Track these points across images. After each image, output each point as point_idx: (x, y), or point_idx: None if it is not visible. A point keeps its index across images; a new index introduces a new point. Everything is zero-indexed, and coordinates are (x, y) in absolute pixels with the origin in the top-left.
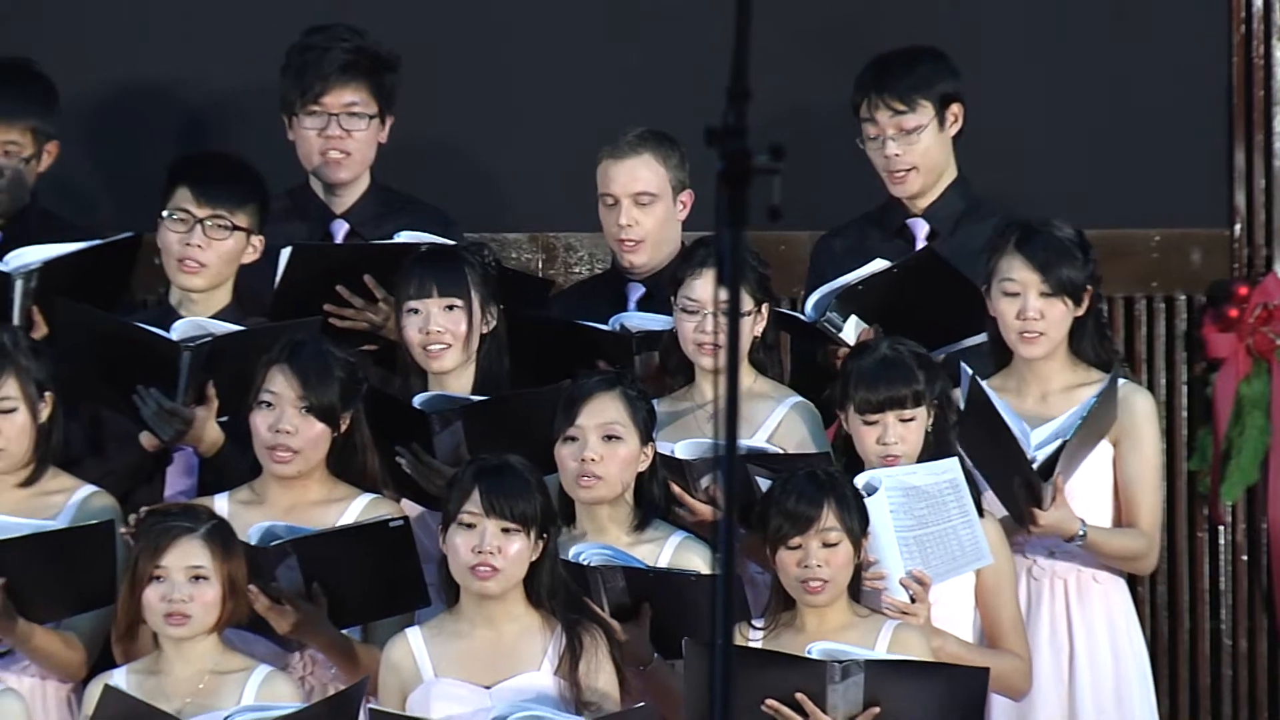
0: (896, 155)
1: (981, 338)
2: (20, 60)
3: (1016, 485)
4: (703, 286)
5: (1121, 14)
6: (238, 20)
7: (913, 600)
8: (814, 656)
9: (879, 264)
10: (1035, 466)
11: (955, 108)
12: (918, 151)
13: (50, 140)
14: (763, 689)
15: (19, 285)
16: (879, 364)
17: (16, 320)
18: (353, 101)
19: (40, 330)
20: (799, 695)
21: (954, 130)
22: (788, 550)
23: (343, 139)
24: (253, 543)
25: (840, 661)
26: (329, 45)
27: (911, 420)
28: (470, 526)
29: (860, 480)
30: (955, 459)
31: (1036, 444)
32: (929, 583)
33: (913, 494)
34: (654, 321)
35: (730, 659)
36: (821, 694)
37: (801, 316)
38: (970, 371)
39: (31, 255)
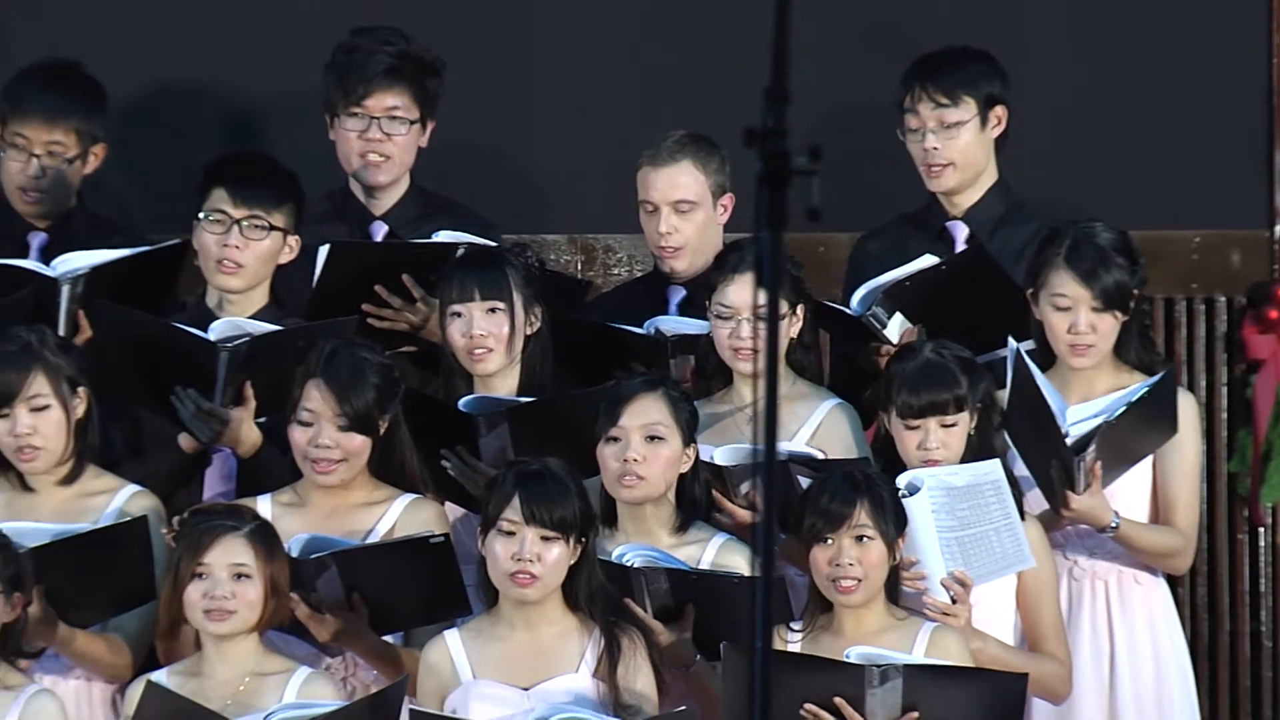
0: (935, 149)
1: (1028, 345)
2: (68, 62)
3: (1053, 468)
4: (736, 292)
5: (1163, 15)
6: (279, 22)
7: (953, 601)
8: (852, 660)
9: (927, 259)
10: (1069, 442)
11: (999, 110)
12: (956, 147)
13: (97, 142)
14: (801, 693)
15: (65, 290)
16: (922, 368)
17: (62, 325)
18: (395, 105)
19: (85, 335)
20: (837, 700)
21: (996, 133)
22: (821, 548)
23: (383, 142)
24: (293, 554)
25: (878, 666)
26: (374, 48)
27: (954, 425)
28: (510, 534)
29: (902, 480)
30: (997, 460)
31: (1073, 421)
32: (970, 584)
33: (955, 494)
34: (689, 325)
35: (769, 662)
36: (860, 698)
37: (846, 310)
38: (1017, 345)
39: (79, 260)
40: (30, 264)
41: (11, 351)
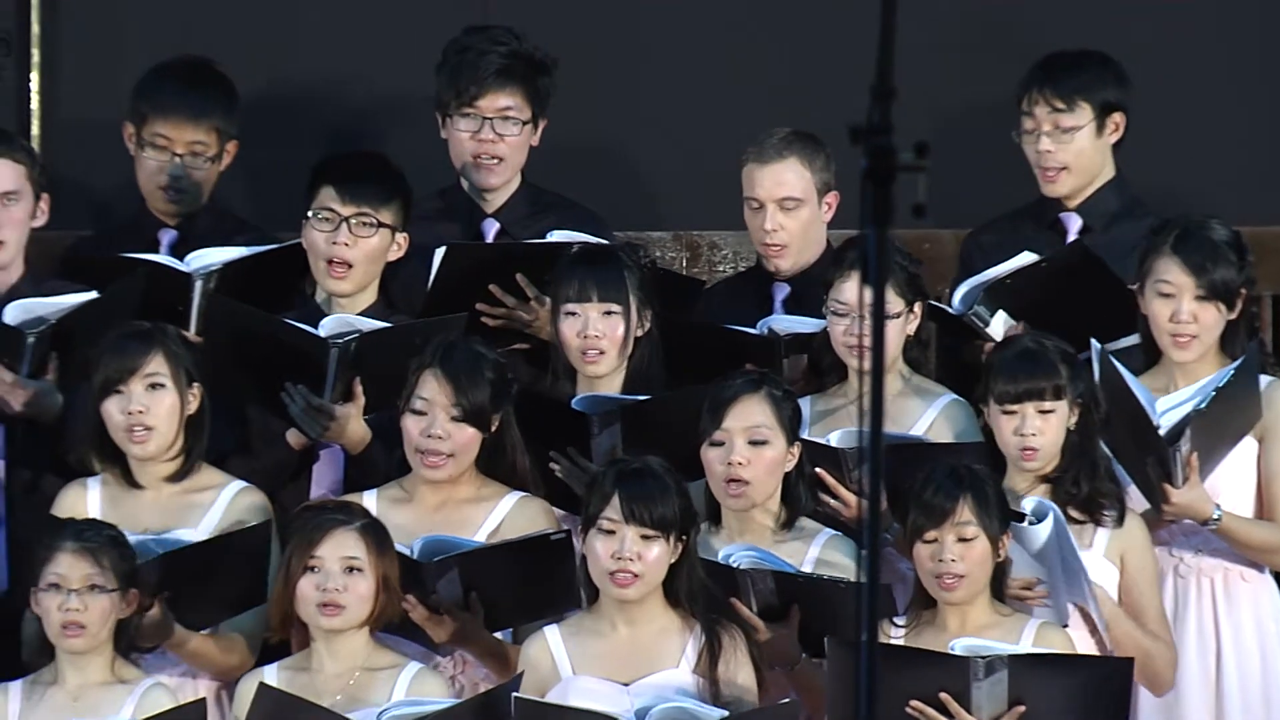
0: (1049, 152)
1: (1133, 339)
2: (203, 60)
3: (1150, 464)
4: (851, 289)
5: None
6: (391, 21)
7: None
8: (957, 652)
9: (1027, 257)
10: (1162, 434)
11: (1117, 117)
12: (1071, 152)
13: (230, 140)
14: (906, 686)
15: (199, 285)
16: (1020, 354)
17: (194, 320)
18: (507, 106)
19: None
20: (943, 695)
21: (1114, 138)
22: (923, 544)
23: (495, 142)
24: (414, 556)
25: (983, 658)
26: (486, 48)
27: (1050, 413)
28: (610, 533)
29: (1028, 504)
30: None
31: (1163, 410)
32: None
33: (1061, 524)
34: (802, 324)
35: (875, 657)
36: (965, 692)
37: (949, 309)
38: (1100, 346)
39: (213, 256)
40: (165, 259)
41: (135, 331)
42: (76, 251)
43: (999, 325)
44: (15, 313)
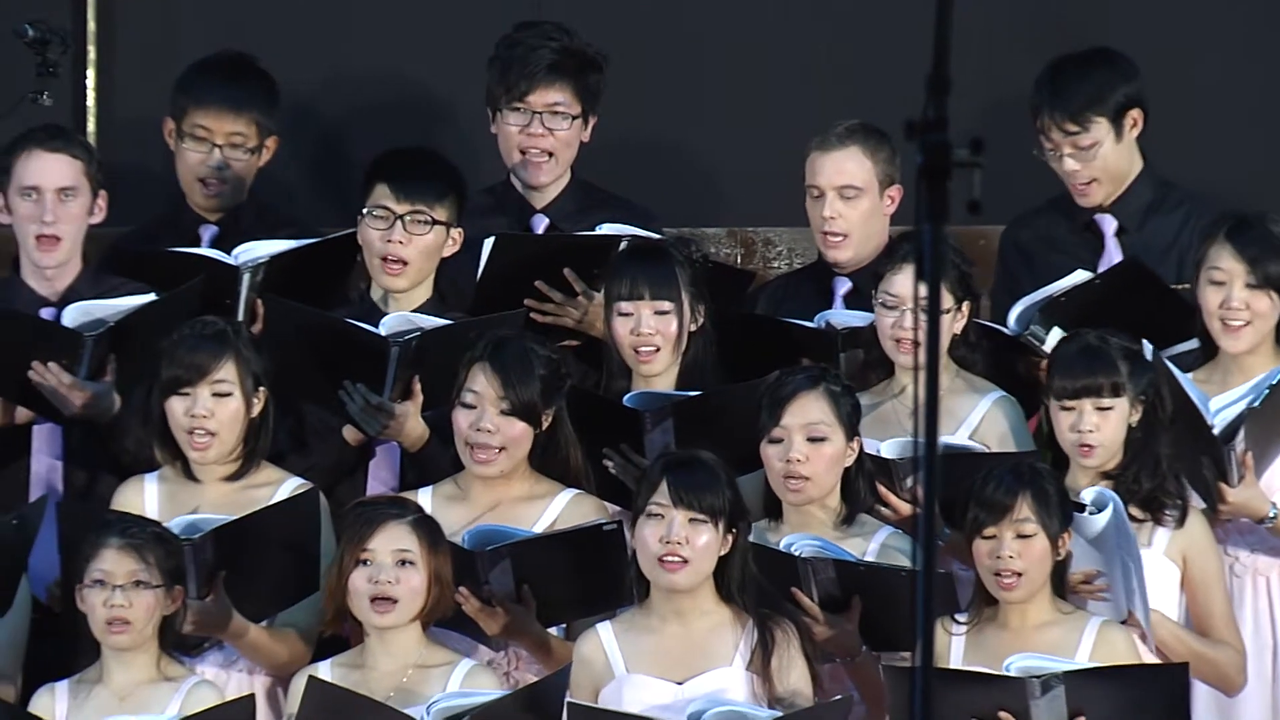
0: (1075, 170)
1: (1188, 344)
2: (242, 54)
3: (1205, 465)
4: (902, 282)
5: None
6: (441, 17)
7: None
8: (1012, 674)
9: (1081, 275)
10: (1216, 433)
11: (1134, 113)
12: (1096, 167)
13: (270, 135)
14: (966, 705)
15: (246, 278)
16: (1080, 350)
17: (241, 312)
18: (557, 101)
19: (260, 325)
20: (1003, 715)
21: (1135, 134)
22: (983, 540)
23: (544, 137)
24: (466, 546)
25: (1038, 676)
26: (537, 43)
27: (1109, 410)
28: (658, 516)
29: (1089, 494)
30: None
31: (1216, 409)
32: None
33: (1122, 518)
34: (859, 318)
35: (929, 672)
36: (1025, 710)
37: (1004, 329)
38: (1150, 346)
39: (260, 250)
40: (212, 252)
41: (208, 334)
42: (119, 248)
43: (1054, 341)
44: (74, 315)
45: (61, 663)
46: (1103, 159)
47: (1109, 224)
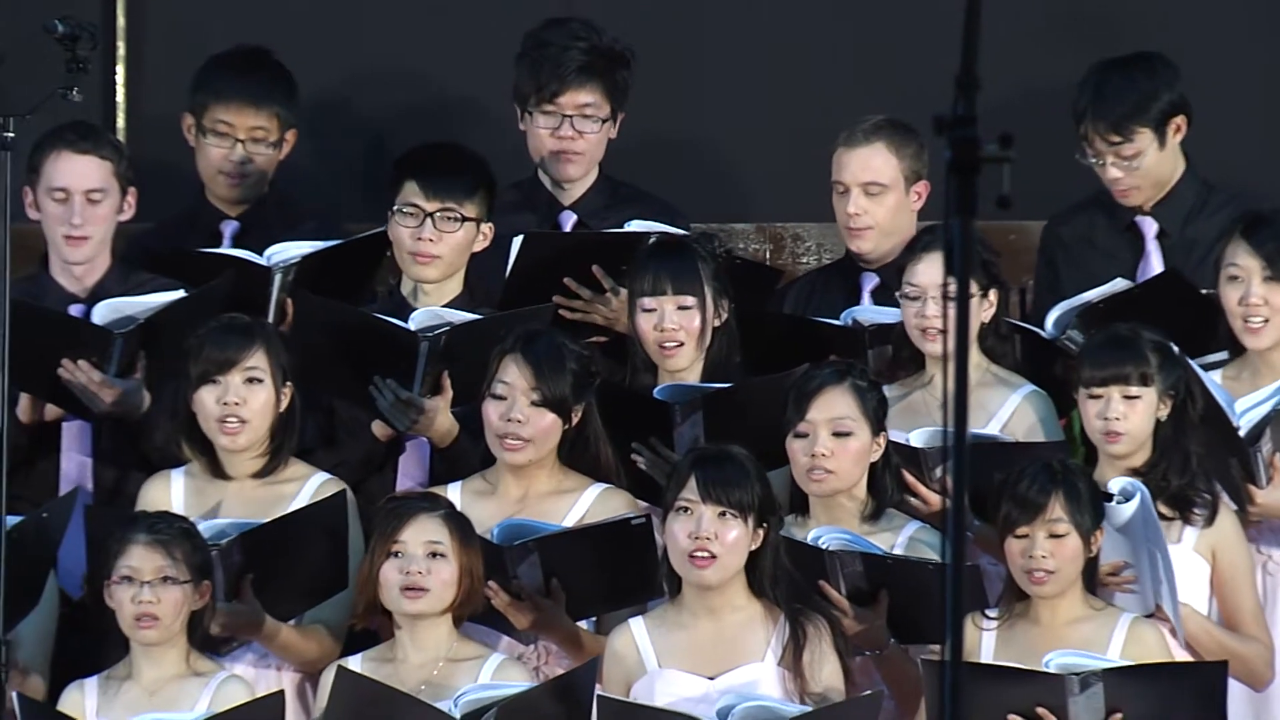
0: (1118, 178)
1: (1221, 355)
2: (261, 48)
3: (1233, 466)
4: (924, 271)
5: None
6: (470, 12)
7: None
8: (1051, 670)
9: (1120, 284)
10: (1242, 434)
11: (1178, 119)
12: (1139, 175)
13: (290, 128)
14: (1003, 701)
15: (278, 279)
16: (1109, 339)
17: (271, 312)
18: (587, 103)
19: (288, 323)
20: (1040, 711)
21: (1178, 139)
22: (1015, 539)
23: (575, 139)
24: (495, 541)
25: (1077, 674)
26: (567, 43)
27: (1137, 399)
28: (687, 511)
29: (1116, 485)
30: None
31: (1242, 410)
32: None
33: (1149, 508)
34: (887, 315)
35: (959, 667)
36: (1063, 706)
37: (1041, 332)
38: (1174, 347)
39: (291, 250)
40: (243, 253)
41: (237, 324)
42: (142, 245)
43: None
44: (104, 312)
45: (90, 659)
46: (1145, 167)
47: (1150, 226)
